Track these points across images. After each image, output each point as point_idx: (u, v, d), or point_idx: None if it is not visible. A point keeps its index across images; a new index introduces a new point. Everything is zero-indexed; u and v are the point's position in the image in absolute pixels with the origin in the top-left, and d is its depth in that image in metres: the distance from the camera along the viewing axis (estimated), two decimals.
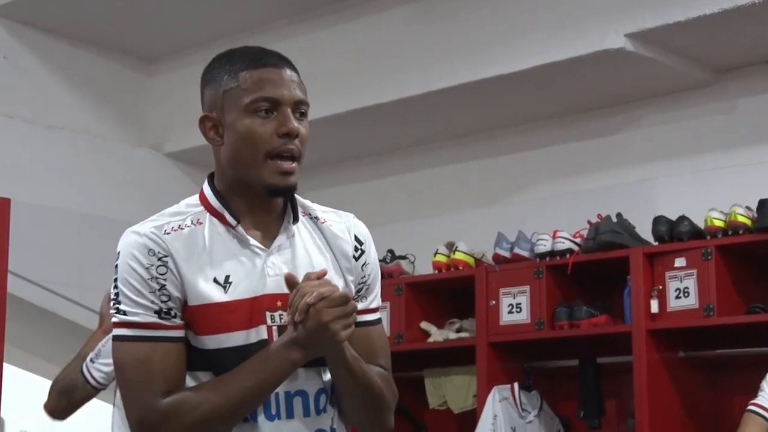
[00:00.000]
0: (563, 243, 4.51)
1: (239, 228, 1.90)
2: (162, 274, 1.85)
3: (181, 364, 1.85)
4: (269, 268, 1.90)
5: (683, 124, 4.82)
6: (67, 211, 5.44)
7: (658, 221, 4.37)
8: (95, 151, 5.66)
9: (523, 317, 4.54)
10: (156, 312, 1.84)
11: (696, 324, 4.18)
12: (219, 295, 1.86)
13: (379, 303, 2.03)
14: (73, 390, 3.88)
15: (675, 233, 4.30)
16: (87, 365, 3.61)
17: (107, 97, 5.77)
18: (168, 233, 1.87)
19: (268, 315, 1.88)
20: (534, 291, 4.53)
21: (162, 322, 1.85)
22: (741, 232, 4.15)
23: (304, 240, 1.95)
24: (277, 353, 1.82)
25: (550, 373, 4.75)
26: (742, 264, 4.22)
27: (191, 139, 5.76)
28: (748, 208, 4.19)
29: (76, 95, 5.64)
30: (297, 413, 1.88)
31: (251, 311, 1.87)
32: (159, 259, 1.85)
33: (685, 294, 4.18)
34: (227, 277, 1.87)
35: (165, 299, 1.85)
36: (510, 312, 4.57)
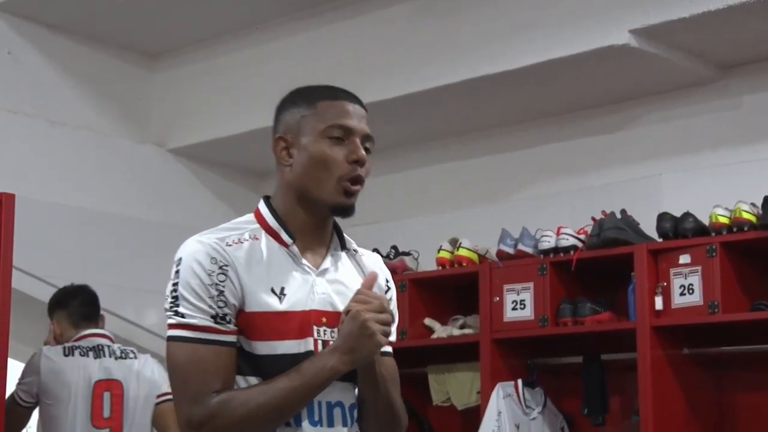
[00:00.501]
0: (567, 239, 4.50)
1: (293, 247, 2.06)
2: (221, 281, 1.99)
3: (232, 367, 1.98)
4: (317, 286, 2.06)
5: (688, 120, 4.81)
6: (70, 207, 5.44)
7: (662, 218, 4.36)
8: (98, 147, 5.65)
9: (527, 314, 4.53)
10: (212, 317, 1.97)
11: (700, 321, 4.17)
12: (275, 304, 2.01)
13: (394, 339, 2.15)
14: (11, 410, 3.98)
15: (679, 230, 4.29)
16: (16, 385, 3.76)
17: (110, 93, 5.77)
18: (229, 245, 2.02)
19: (315, 329, 2.03)
20: (538, 287, 4.52)
21: (217, 326, 1.97)
22: (746, 228, 4.14)
23: (347, 267, 2.14)
24: (319, 358, 1.97)
25: (554, 370, 4.74)
26: (746, 261, 4.21)
27: (194, 135, 5.76)
28: (753, 204, 4.18)
29: (79, 91, 5.64)
30: (337, 422, 2.04)
31: (302, 323, 2.02)
32: (220, 267, 1.99)
33: (690, 291, 4.17)
34: (282, 289, 2.02)
35: (222, 305, 1.98)
36: (514, 308, 4.57)
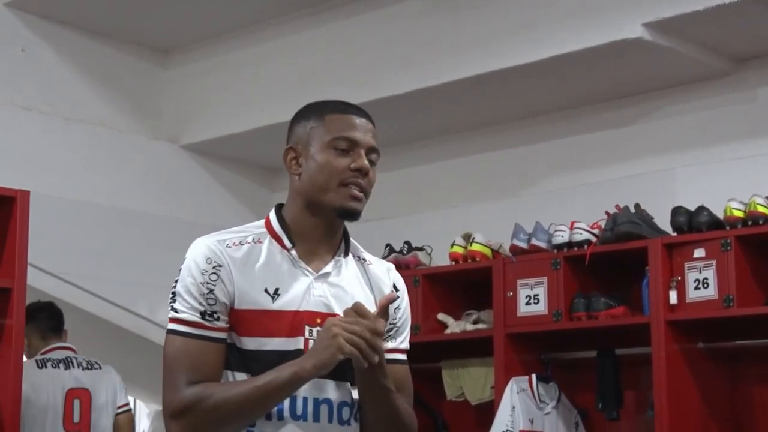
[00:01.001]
0: (581, 234, 4.49)
1: (293, 251, 2.16)
2: (213, 280, 2.10)
3: (217, 361, 2.09)
4: (314, 288, 2.15)
5: (702, 113, 4.79)
6: (84, 203, 5.45)
7: (676, 212, 4.35)
8: (112, 143, 5.67)
9: (541, 308, 4.52)
10: (201, 313, 2.09)
11: (715, 315, 4.16)
12: (267, 303, 2.11)
13: (407, 346, 2.26)
14: None
15: (694, 224, 4.28)
16: None
17: (124, 90, 5.78)
18: (229, 246, 2.14)
19: (307, 329, 2.11)
20: (551, 282, 4.51)
21: (204, 323, 2.09)
22: (761, 222, 4.12)
23: (350, 273, 2.21)
24: (290, 363, 2.04)
25: (568, 365, 4.73)
26: (761, 254, 4.19)
27: (207, 131, 5.77)
28: (767, 198, 4.16)
29: (92, 87, 5.65)
30: (323, 419, 2.11)
31: (293, 322, 2.11)
32: (213, 268, 2.11)
33: (704, 285, 4.16)
34: (277, 289, 2.12)
35: (212, 303, 2.10)
36: (527, 303, 4.56)
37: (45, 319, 4.64)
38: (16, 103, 5.35)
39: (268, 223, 2.20)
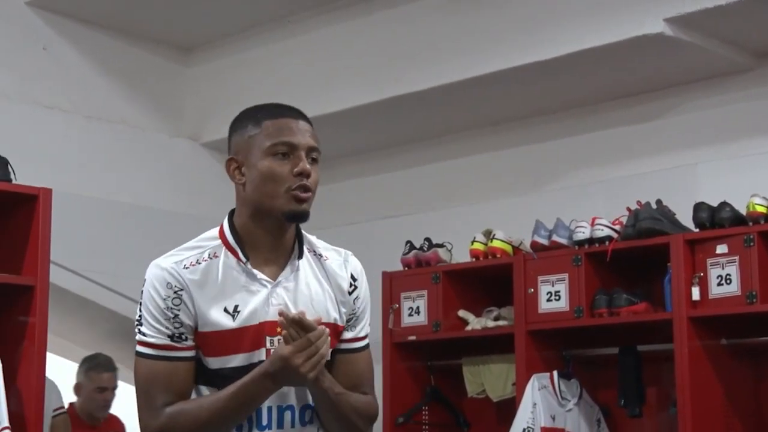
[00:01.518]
0: (602, 230, 4.47)
1: (248, 264, 2.19)
2: (176, 305, 2.16)
3: (188, 379, 2.17)
4: (273, 298, 2.18)
5: (724, 109, 4.77)
6: (106, 201, 5.48)
7: (698, 208, 4.32)
8: (133, 141, 5.69)
9: (562, 305, 4.51)
10: (169, 336, 2.16)
11: (738, 311, 4.14)
12: (227, 323, 2.16)
13: (368, 331, 2.31)
14: None
15: (716, 219, 4.25)
16: None
17: (145, 88, 5.80)
18: (186, 267, 2.17)
19: (268, 339, 2.17)
20: (573, 279, 4.50)
21: (173, 344, 2.16)
22: None
23: (306, 274, 2.24)
24: (253, 381, 2.11)
25: (589, 361, 4.72)
26: None
27: (228, 129, 5.77)
28: None
29: (113, 85, 5.67)
30: (286, 425, 2.19)
31: (254, 336, 2.16)
32: (175, 292, 2.16)
33: (727, 281, 4.14)
34: (236, 307, 2.17)
35: (178, 326, 2.16)
36: (549, 300, 4.55)
37: None
38: (38, 102, 5.38)
39: (222, 235, 2.23)
